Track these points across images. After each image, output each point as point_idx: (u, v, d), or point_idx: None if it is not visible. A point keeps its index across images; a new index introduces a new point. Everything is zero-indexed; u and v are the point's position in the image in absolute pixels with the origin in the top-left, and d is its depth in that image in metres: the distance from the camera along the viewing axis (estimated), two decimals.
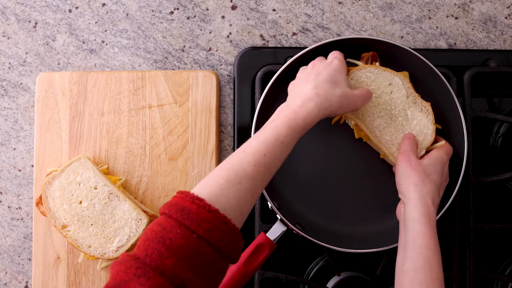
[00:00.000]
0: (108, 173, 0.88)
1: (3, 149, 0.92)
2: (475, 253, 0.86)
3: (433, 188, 0.74)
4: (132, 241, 0.84)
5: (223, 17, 0.93)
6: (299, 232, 0.80)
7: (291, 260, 0.91)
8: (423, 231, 0.70)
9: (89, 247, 0.84)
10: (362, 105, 0.76)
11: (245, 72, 0.90)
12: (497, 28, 0.94)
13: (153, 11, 0.93)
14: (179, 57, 0.93)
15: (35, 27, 0.93)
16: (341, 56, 0.77)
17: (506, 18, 0.94)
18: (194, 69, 0.93)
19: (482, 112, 0.87)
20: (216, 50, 0.93)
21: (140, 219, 0.84)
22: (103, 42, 0.93)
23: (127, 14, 0.93)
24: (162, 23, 0.93)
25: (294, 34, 0.93)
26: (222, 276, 0.58)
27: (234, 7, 0.93)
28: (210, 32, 0.93)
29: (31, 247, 0.91)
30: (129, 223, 0.84)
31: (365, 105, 0.79)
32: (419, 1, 0.94)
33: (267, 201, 0.81)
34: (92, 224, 0.84)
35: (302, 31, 0.93)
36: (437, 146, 0.80)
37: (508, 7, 0.94)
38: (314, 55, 0.81)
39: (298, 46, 0.93)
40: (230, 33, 0.93)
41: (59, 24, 0.93)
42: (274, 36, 0.93)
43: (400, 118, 0.81)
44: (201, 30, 0.93)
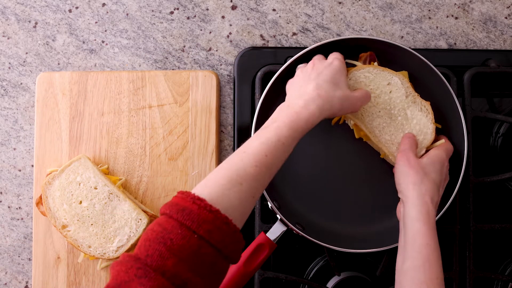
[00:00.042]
0: (108, 173, 0.88)
1: (3, 149, 0.92)
2: (475, 253, 0.86)
3: (432, 187, 0.74)
4: (132, 241, 0.84)
5: (223, 17, 0.93)
6: (299, 232, 0.80)
7: (291, 260, 0.91)
8: (422, 229, 0.70)
9: (89, 247, 0.84)
10: (361, 106, 0.77)
11: (245, 72, 0.90)
12: (497, 28, 0.94)
13: (153, 11, 0.93)
14: (179, 57, 0.93)
15: (35, 27, 0.93)
16: (341, 57, 0.78)
17: (506, 18, 0.94)
18: (194, 69, 0.93)
19: (482, 112, 0.87)
20: (216, 50, 0.93)
21: (140, 219, 0.84)
22: (103, 42, 0.93)
23: (127, 14, 0.93)
24: (162, 23, 0.93)
25: (294, 34, 0.93)
26: (223, 276, 0.58)
27: (234, 7, 0.93)
28: (210, 32, 0.93)
29: (31, 247, 0.91)
30: (129, 223, 0.84)
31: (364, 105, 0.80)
32: (419, 1, 0.94)
33: (267, 201, 0.81)
34: (92, 224, 0.84)
35: (302, 31, 0.93)
36: (436, 145, 0.80)
37: (508, 7, 0.94)
38: (314, 55, 0.81)
39: (298, 46, 0.93)
40: (230, 33, 0.93)
41: (59, 24, 0.93)
42: (274, 36, 0.93)
43: (400, 117, 0.81)
44: (201, 30, 0.93)
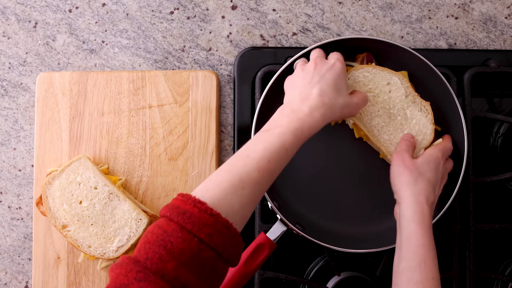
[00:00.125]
0: (108, 173, 0.88)
1: (3, 149, 0.92)
2: (475, 253, 0.86)
3: (426, 187, 0.73)
4: (132, 241, 0.84)
5: (223, 17, 0.93)
6: (299, 232, 0.80)
7: (291, 260, 0.91)
8: (417, 230, 0.70)
9: (89, 247, 0.84)
10: (359, 110, 0.77)
11: (245, 72, 0.90)
12: (497, 28, 0.94)
13: (153, 11, 0.93)
14: (179, 57, 0.93)
15: (35, 27, 0.93)
16: (342, 58, 0.77)
17: (506, 18, 0.94)
18: (194, 69, 0.93)
19: (482, 112, 0.87)
20: (216, 50, 0.93)
21: (140, 219, 0.84)
22: (103, 42, 0.93)
23: (127, 14, 0.93)
24: (162, 23, 0.93)
25: (294, 34, 0.93)
26: (222, 278, 0.58)
27: (234, 7, 0.93)
28: (210, 32, 0.93)
29: (31, 247, 0.91)
30: (129, 223, 0.84)
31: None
32: (419, 1, 0.94)
33: (267, 201, 0.81)
34: (92, 224, 0.84)
35: (302, 31, 0.93)
36: (434, 144, 0.80)
37: (508, 7, 0.94)
38: None
39: (298, 46, 0.93)
40: (230, 33, 0.93)
41: (59, 24, 0.93)
42: (274, 36, 0.93)
43: (399, 117, 0.81)
44: (201, 30, 0.93)
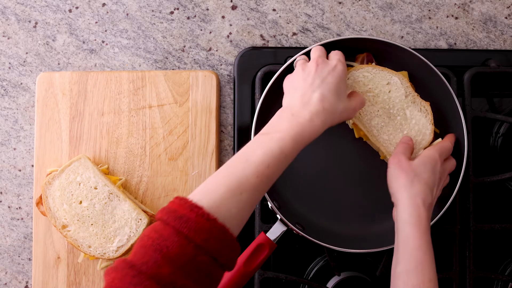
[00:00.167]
0: (108, 173, 0.88)
1: (3, 149, 0.92)
2: (475, 253, 0.86)
3: (423, 188, 0.73)
4: (132, 241, 0.84)
5: (223, 17, 0.93)
6: (299, 232, 0.80)
7: (291, 260, 0.91)
8: (413, 232, 0.70)
9: (89, 247, 0.84)
10: (355, 113, 0.76)
11: (245, 72, 0.90)
12: (497, 28, 0.94)
13: (153, 11, 0.93)
14: (179, 57, 0.93)
15: (35, 27, 0.93)
16: (343, 59, 0.76)
17: (506, 18, 0.94)
18: (194, 69, 0.93)
19: (482, 112, 0.87)
20: (216, 50, 0.93)
21: (140, 219, 0.84)
22: (103, 42, 0.93)
23: (127, 14, 0.93)
24: (162, 23, 0.93)
25: (294, 34, 0.93)
26: (218, 282, 0.58)
27: (234, 7, 0.93)
28: (210, 32, 0.93)
29: (31, 247, 0.91)
30: (129, 223, 0.84)
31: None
32: (419, 1, 0.94)
33: (267, 201, 0.81)
34: (92, 224, 0.84)
35: (302, 31, 0.93)
36: (433, 144, 0.80)
37: (508, 7, 0.94)
38: None
39: (298, 46, 0.93)
40: (230, 33, 0.93)
41: (59, 24, 0.93)
42: (274, 36, 0.93)
43: (399, 117, 0.81)
44: (201, 30, 0.93)
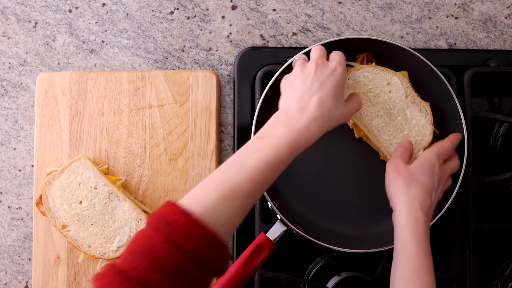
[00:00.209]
0: (108, 173, 0.88)
1: (3, 149, 0.92)
2: (475, 253, 0.86)
3: (420, 192, 0.72)
4: None
5: (223, 17, 0.93)
6: (299, 232, 0.80)
7: (291, 260, 0.91)
8: (410, 238, 0.69)
9: (89, 247, 0.84)
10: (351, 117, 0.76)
11: (245, 72, 0.90)
12: (497, 28, 0.94)
13: (153, 11, 0.93)
14: (179, 57, 0.93)
15: (35, 27, 0.93)
16: (343, 60, 0.74)
17: (506, 18, 0.94)
18: (194, 69, 0.93)
19: (482, 112, 0.87)
20: (216, 50, 0.93)
21: (140, 219, 0.84)
22: (103, 42, 0.93)
23: (127, 14, 0.93)
24: (162, 23, 0.93)
25: (294, 34, 0.93)
26: None
27: (234, 7, 0.93)
28: (210, 32, 0.93)
29: (31, 247, 0.91)
30: (129, 223, 0.84)
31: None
32: (419, 1, 0.94)
33: (267, 201, 0.81)
34: (92, 224, 0.84)
35: (302, 31, 0.93)
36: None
37: (508, 7, 0.94)
38: None
39: (298, 46, 0.93)
40: (230, 33, 0.93)
41: (59, 24, 0.93)
42: (274, 36, 0.93)
43: (399, 117, 0.81)
44: (201, 30, 0.93)
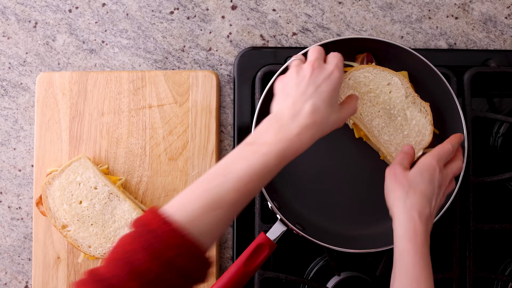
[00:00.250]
0: (108, 173, 0.88)
1: (3, 149, 0.92)
2: (475, 253, 0.86)
3: (419, 200, 0.70)
4: None
5: (223, 17, 0.93)
6: (299, 232, 0.80)
7: (291, 260, 0.91)
8: (408, 248, 0.68)
9: (89, 247, 0.84)
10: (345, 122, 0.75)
11: (245, 72, 0.90)
12: (497, 28, 0.94)
13: (153, 11, 0.93)
14: (179, 57, 0.93)
15: (35, 27, 0.93)
16: (341, 63, 0.71)
17: (506, 18, 0.94)
18: (194, 69, 0.93)
19: (482, 112, 0.87)
20: (216, 50, 0.93)
21: None
22: (103, 42, 0.93)
23: (127, 14, 0.93)
24: (162, 23, 0.93)
25: (294, 34, 0.93)
26: None
27: (234, 7, 0.93)
28: (210, 32, 0.93)
29: (31, 247, 0.91)
30: (129, 223, 0.84)
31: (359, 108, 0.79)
32: (419, 1, 0.94)
33: (267, 201, 0.81)
34: (92, 224, 0.84)
35: (302, 31, 0.93)
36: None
37: (508, 7, 0.94)
38: None
39: (298, 46, 0.93)
40: (230, 33, 0.93)
41: (59, 24, 0.93)
42: (274, 36, 0.93)
43: (399, 118, 0.81)
44: (201, 30, 0.93)
